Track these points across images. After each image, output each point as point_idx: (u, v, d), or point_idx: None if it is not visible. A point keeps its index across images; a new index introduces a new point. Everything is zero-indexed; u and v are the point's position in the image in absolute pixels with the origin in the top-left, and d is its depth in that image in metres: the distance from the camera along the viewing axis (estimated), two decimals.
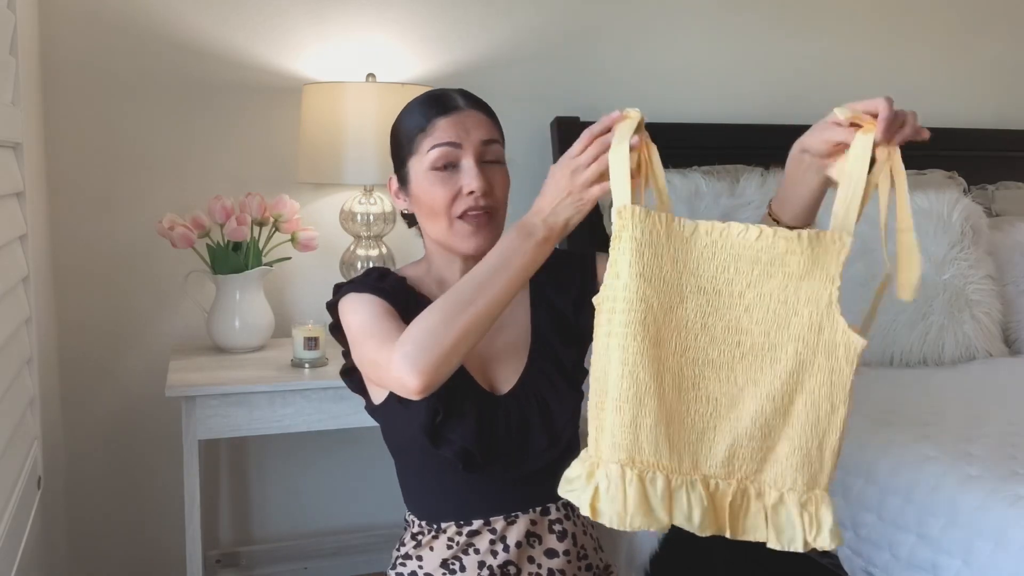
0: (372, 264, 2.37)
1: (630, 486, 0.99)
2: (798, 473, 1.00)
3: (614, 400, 1.00)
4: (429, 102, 1.28)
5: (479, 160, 1.26)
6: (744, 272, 0.99)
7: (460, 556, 1.27)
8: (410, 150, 1.27)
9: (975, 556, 1.53)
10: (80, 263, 2.35)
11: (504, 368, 1.30)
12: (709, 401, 1.01)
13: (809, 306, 0.98)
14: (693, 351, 1.00)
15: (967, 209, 2.58)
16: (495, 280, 1.10)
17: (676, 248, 1.00)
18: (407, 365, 1.08)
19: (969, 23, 3.14)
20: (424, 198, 1.26)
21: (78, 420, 2.37)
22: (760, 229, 0.99)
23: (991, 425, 1.92)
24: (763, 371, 1.00)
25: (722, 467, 1.01)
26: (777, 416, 1.00)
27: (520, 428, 1.26)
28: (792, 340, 0.99)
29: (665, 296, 1.00)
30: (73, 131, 2.32)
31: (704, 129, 2.76)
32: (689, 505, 0.99)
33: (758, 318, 0.99)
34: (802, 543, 1.01)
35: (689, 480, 1.00)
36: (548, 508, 1.30)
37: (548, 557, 1.28)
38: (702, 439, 1.01)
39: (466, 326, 1.09)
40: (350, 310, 1.24)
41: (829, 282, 0.98)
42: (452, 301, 1.10)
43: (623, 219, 1.00)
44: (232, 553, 2.54)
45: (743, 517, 1.02)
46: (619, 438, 1.00)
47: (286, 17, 2.46)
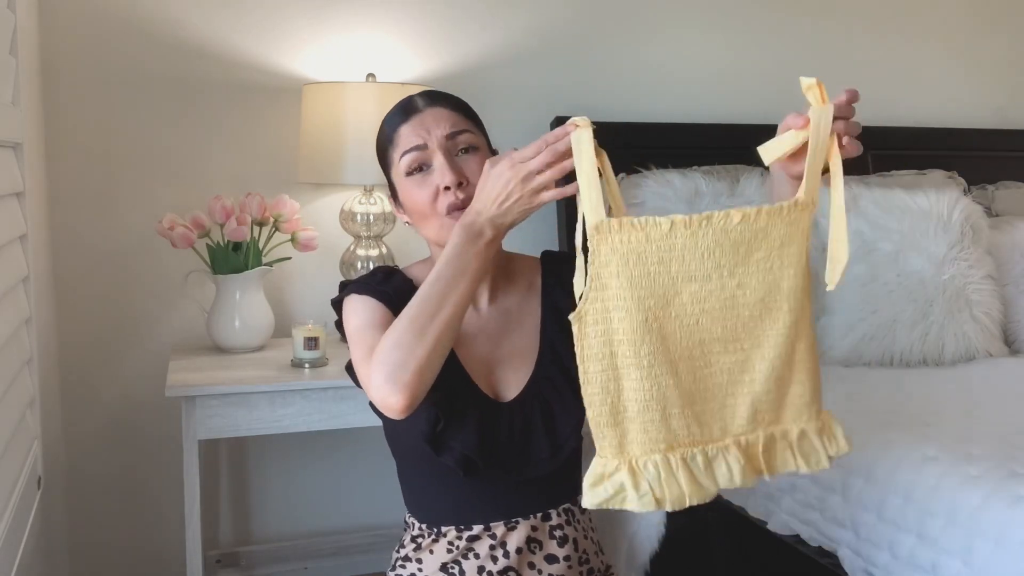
0: (372, 264, 2.37)
1: (679, 471, 1.06)
2: (810, 405, 1.10)
3: (638, 403, 1.05)
4: (393, 113, 1.31)
5: (448, 154, 1.25)
6: (729, 253, 1.05)
7: (459, 560, 1.26)
8: (387, 164, 1.31)
9: (975, 556, 1.53)
10: (80, 263, 2.35)
11: (510, 374, 1.29)
12: (723, 372, 1.08)
13: (793, 266, 1.06)
14: (698, 333, 1.06)
15: (967, 209, 2.58)
16: (456, 286, 1.12)
17: (657, 246, 1.03)
18: (387, 386, 1.09)
19: (969, 23, 3.14)
20: (409, 204, 1.29)
21: (78, 420, 2.37)
22: (742, 212, 1.04)
23: (991, 425, 1.92)
24: (765, 333, 1.07)
25: (748, 424, 1.08)
26: (785, 367, 1.08)
27: (523, 435, 1.25)
28: (785, 299, 1.07)
29: (659, 293, 1.04)
30: (73, 131, 2.32)
31: (704, 129, 2.76)
32: (729, 468, 1.08)
33: (751, 288, 1.06)
34: (826, 459, 1.10)
35: (723, 446, 1.08)
36: (549, 514, 1.29)
37: (548, 563, 1.28)
38: (724, 406, 1.08)
39: (437, 336, 1.11)
40: (351, 313, 1.25)
41: (804, 240, 1.06)
42: (418, 314, 1.11)
43: (601, 234, 1.03)
44: (232, 553, 2.54)
45: (776, 457, 1.10)
46: (653, 433, 1.06)
47: (286, 17, 2.46)
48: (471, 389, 1.25)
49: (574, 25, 2.71)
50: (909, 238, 2.49)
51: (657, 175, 2.53)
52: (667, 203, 2.47)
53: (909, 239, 2.49)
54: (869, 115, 3.35)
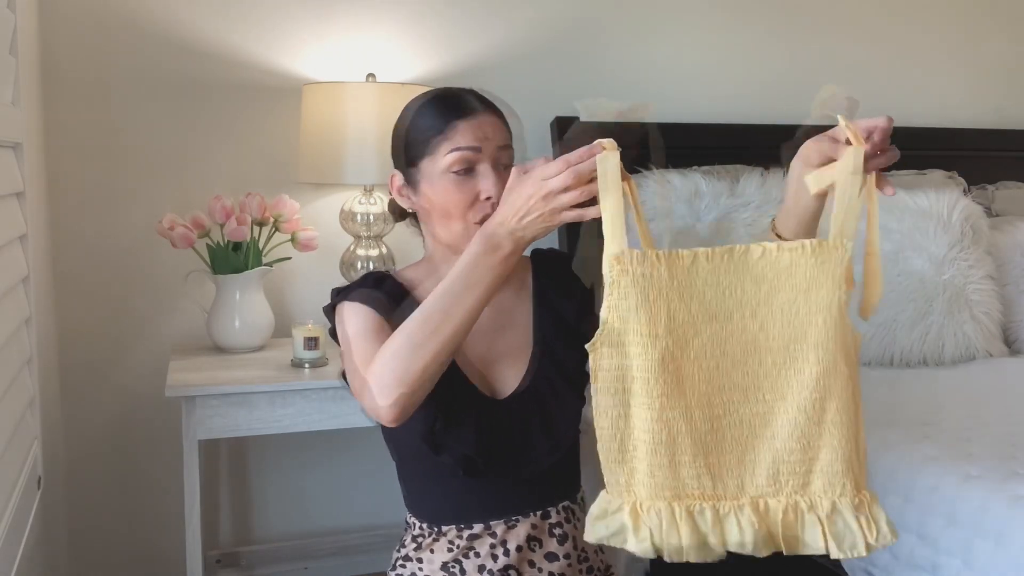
0: (372, 264, 2.37)
1: (681, 522, 1.00)
2: (845, 478, 1.00)
3: (646, 444, 1.00)
4: (445, 103, 1.25)
5: (497, 166, 1.23)
6: (751, 292, 0.99)
7: (460, 559, 1.26)
8: (424, 151, 1.24)
9: (975, 556, 1.53)
10: (80, 263, 2.35)
11: (505, 371, 1.29)
12: (743, 424, 1.01)
13: (822, 313, 0.99)
14: (717, 379, 1.00)
15: (967, 209, 2.58)
16: (464, 299, 1.09)
17: (679, 281, 0.99)
18: (380, 396, 1.08)
19: (969, 23, 3.14)
20: (439, 200, 1.23)
21: (78, 420, 2.37)
22: (763, 247, 0.99)
23: (991, 425, 1.92)
24: (789, 384, 1.00)
25: (768, 485, 1.01)
26: (811, 425, 1.00)
27: (521, 432, 1.25)
28: (812, 349, 0.99)
29: (679, 332, 0.99)
30: (73, 131, 2.32)
31: (704, 129, 2.76)
32: (740, 530, 1.00)
33: (775, 334, 1.00)
34: (864, 547, 1.00)
35: (737, 505, 1.01)
36: (548, 512, 1.30)
37: (549, 561, 1.28)
38: (743, 461, 1.01)
39: (435, 352, 1.08)
40: (344, 321, 1.23)
41: (836, 288, 0.99)
42: (419, 328, 1.09)
43: (622, 265, 0.98)
44: (232, 553, 2.54)
45: (801, 531, 1.01)
46: (660, 479, 1.00)
47: (286, 17, 2.46)
48: (467, 387, 1.25)
49: (574, 25, 2.71)
50: (909, 238, 2.50)
51: (657, 175, 2.53)
52: (667, 203, 2.47)
53: (909, 239, 2.49)
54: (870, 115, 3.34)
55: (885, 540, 1.00)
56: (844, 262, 0.99)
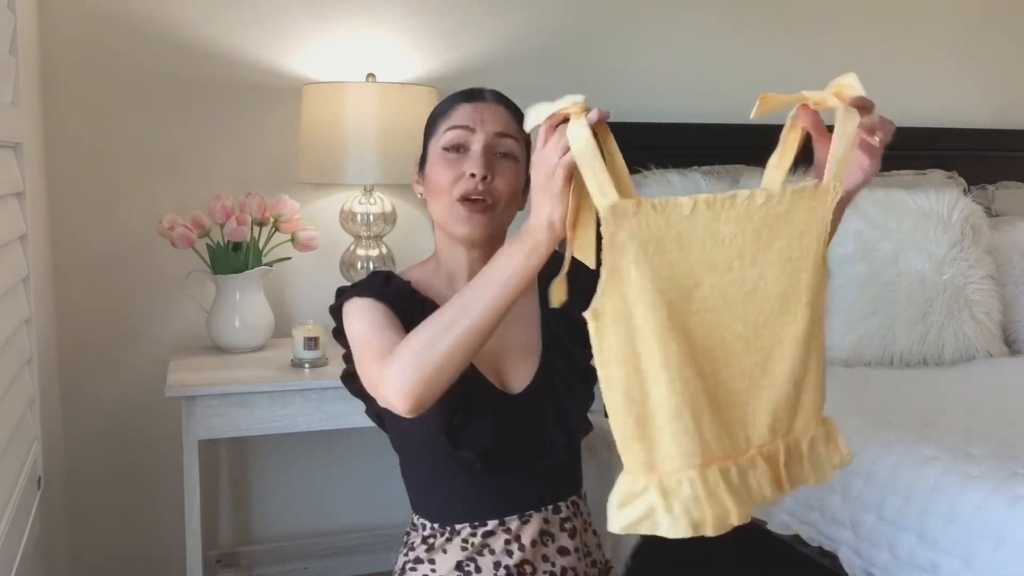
0: (372, 264, 2.37)
1: (718, 488, 0.94)
2: (818, 411, 1.02)
3: (667, 410, 0.93)
4: (458, 93, 1.32)
5: (489, 149, 1.26)
6: (751, 239, 0.96)
7: (475, 557, 1.26)
8: (431, 131, 1.31)
9: (975, 556, 1.53)
10: (80, 263, 2.35)
11: (517, 367, 1.30)
12: (744, 375, 0.98)
13: (811, 258, 0.99)
14: (719, 330, 0.96)
15: (967, 209, 2.58)
16: (482, 294, 1.06)
17: (678, 231, 0.93)
18: (395, 386, 1.07)
19: (969, 23, 3.14)
20: (431, 177, 1.29)
21: (78, 420, 2.37)
22: (766, 192, 0.97)
23: (991, 425, 1.92)
24: (785, 330, 0.98)
25: (768, 433, 0.99)
26: (801, 368, 0.99)
27: (536, 426, 1.26)
28: (804, 291, 0.98)
29: (681, 285, 0.94)
30: (73, 131, 2.32)
31: (704, 129, 2.76)
32: (759, 484, 0.98)
33: (772, 281, 0.97)
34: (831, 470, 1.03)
35: (750, 458, 0.98)
36: (559, 506, 1.30)
37: (561, 555, 1.29)
38: (746, 414, 0.98)
39: (454, 344, 1.05)
40: (353, 317, 1.23)
41: (824, 230, 0.99)
42: (438, 321, 1.07)
43: (617, 217, 0.92)
44: (232, 553, 2.54)
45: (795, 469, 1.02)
46: (687, 445, 0.93)
47: (286, 17, 2.46)
48: (483, 383, 1.26)
49: (574, 25, 2.71)
50: (909, 238, 2.50)
51: (657, 175, 2.53)
52: None
53: (909, 239, 2.49)
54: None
55: (846, 461, 1.03)
56: (832, 204, 0.99)
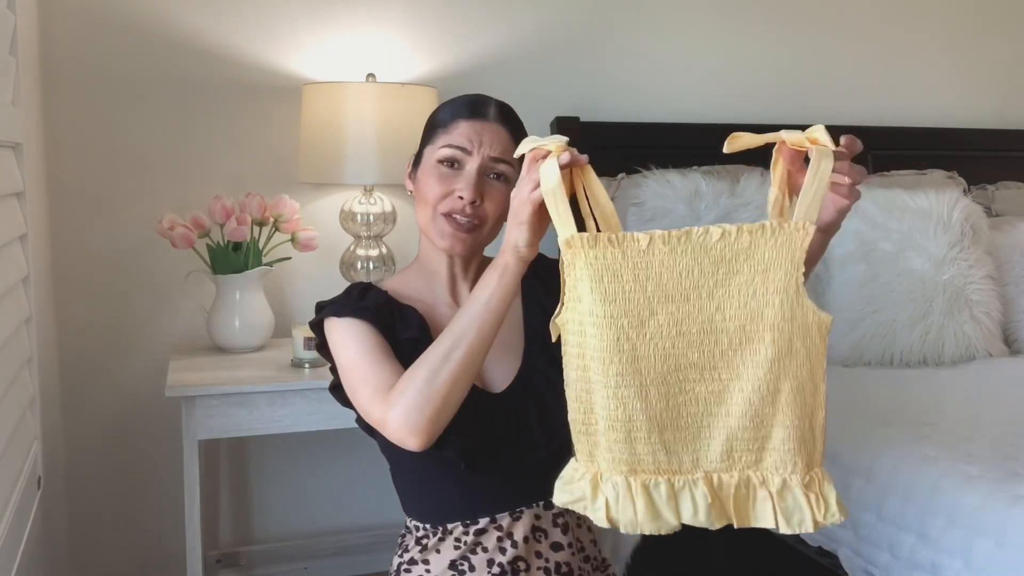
0: (372, 264, 2.37)
1: (637, 496, 1.03)
2: (797, 456, 1.02)
3: (604, 420, 1.04)
4: (464, 102, 1.33)
5: (481, 173, 1.28)
6: (709, 273, 1.01)
7: (468, 556, 1.27)
8: (429, 139, 1.33)
9: (975, 556, 1.53)
10: (80, 263, 2.35)
11: (499, 366, 1.31)
12: (698, 402, 1.03)
13: (779, 295, 1.00)
14: (673, 358, 1.02)
15: (967, 209, 2.58)
16: (471, 321, 1.15)
17: (634, 263, 1.01)
18: (404, 428, 1.13)
19: (969, 23, 3.14)
20: (422, 184, 1.31)
21: (78, 420, 2.37)
22: (723, 229, 1.01)
23: (991, 425, 1.92)
24: (745, 364, 1.02)
25: (722, 461, 1.03)
26: (766, 405, 1.02)
27: (518, 425, 1.27)
28: (768, 330, 1.00)
29: (634, 312, 1.02)
30: (73, 131, 2.32)
31: (704, 129, 2.76)
32: (694, 504, 1.03)
33: (731, 314, 1.01)
34: (812, 523, 1.02)
35: (691, 480, 1.04)
36: (551, 502, 1.30)
37: (554, 551, 1.29)
38: (698, 437, 1.04)
39: (455, 374, 1.14)
40: (337, 340, 1.26)
41: (795, 269, 1.00)
42: (434, 356, 1.14)
43: (572, 248, 1.02)
44: (232, 553, 2.54)
45: (751, 506, 1.04)
46: (617, 453, 1.04)
47: (286, 17, 2.46)
48: None
49: (574, 25, 2.71)
50: (909, 238, 2.50)
51: (657, 175, 2.53)
52: (667, 203, 2.47)
53: (909, 239, 2.49)
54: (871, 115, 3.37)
55: (833, 518, 1.03)
56: (804, 244, 1.00)
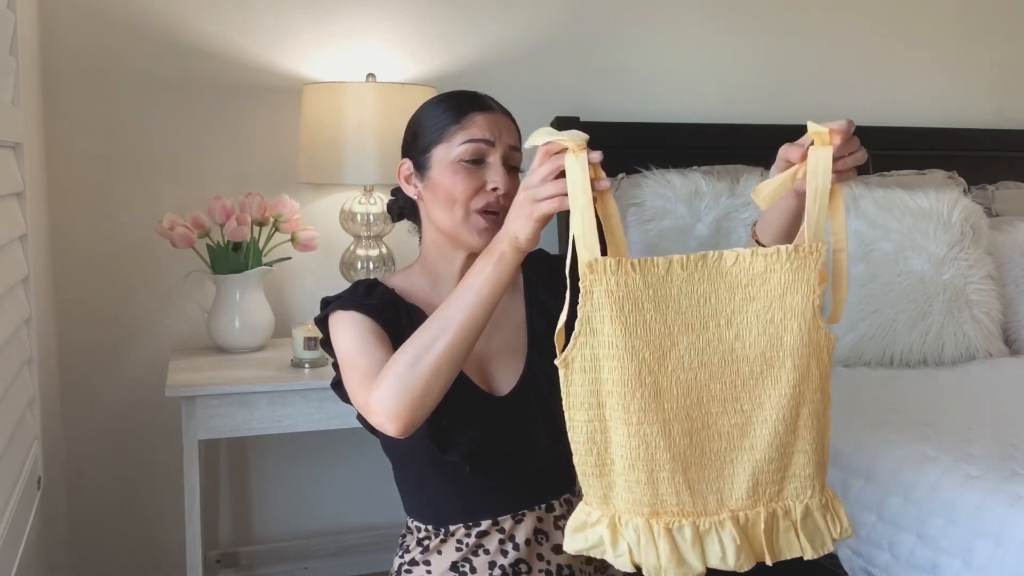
0: (372, 264, 2.37)
1: (660, 539, 0.98)
2: (816, 479, 1.01)
3: (624, 460, 0.99)
4: (464, 98, 1.31)
5: (505, 162, 1.28)
6: (725, 300, 0.97)
7: (470, 558, 1.27)
8: (437, 139, 1.28)
9: (975, 556, 1.54)
10: (80, 263, 2.35)
11: (503, 369, 1.30)
12: (722, 437, 0.99)
13: (797, 319, 0.97)
14: (696, 391, 0.98)
15: (967, 209, 2.58)
16: (458, 309, 1.11)
17: (655, 290, 0.96)
18: (383, 412, 1.11)
19: (969, 23, 3.14)
20: (445, 186, 1.27)
21: (78, 420, 2.37)
22: (736, 253, 0.98)
23: (991, 425, 1.92)
24: (767, 392, 0.98)
25: (748, 497, 1.00)
26: (788, 433, 0.99)
27: (523, 428, 1.26)
28: (788, 355, 0.98)
29: (655, 343, 0.97)
30: (73, 131, 2.32)
31: (704, 129, 2.76)
32: (722, 546, 0.99)
33: (751, 342, 0.98)
34: (831, 542, 1.01)
35: (717, 521, 0.99)
36: (552, 504, 1.31)
37: (556, 553, 1.29)
38: (722, 475, 1.00)
39: (437, 362, 1.10)
40: (340, 331, 1.25)
41: (811, 292, 0.97)
42: (417, 343, 1.11)
43: (595, 273, 0.96)
44: (232, 553, 2.54)
45: (775, 539, 1.01)
46: (638, 495, 0.99)
47: (286, 17, 2.46)
48: (469, 386, 1.26)
49: (574, 25, 2.71)
50: (909, 238, 2.50)
51: (657, 175, 2.53)
52: (667, 203, 2.47)
53: (909, 239, 2.49)
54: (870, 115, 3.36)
55: (847, 533, 1.02)
56: (818, 265, 0.97)
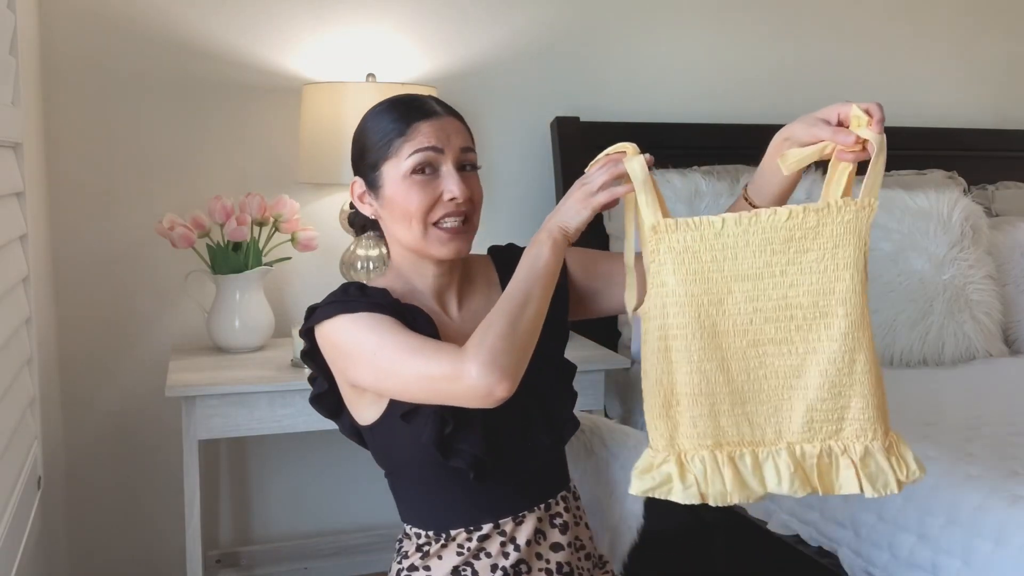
0: (372, 264, 2.37)
1: (724, 467, 1.09)
2: (877, 423, 1.08)
3: (688, 396, 1.10)
4: (406, 107, 1.27)
5: (458, 166, 1.25)
6: (780, 252, 1.07)
7: (472, 561, 1.26)
8: (385, 154, 1.25)
9: (975, 556, 1.53)
10: (80, 263, 2.35)
11: None
12: (777, 376, 1.09)
13: (849, 269, 1.06)
14: (752, 334, 1.08)
15: (967, 209, 2.58)
16: (535, 284, 1.16)
17: (711, 245, 1.08)
18: (492, 373, 1.09)
19: (969, 23, 3.14)
20: (400, 203, 1.24)
21: (78, 420, 2.37)
22: (789, 210, 1.07)
23: (991, 425, 1.92)
24: (820, 338, 1.07)
25: (804, 432, 1.08)
26: (842, 376, 1.07)
27: (524, 431, 1.26)
28: (840, 303, 1.06)
29: (713, 291, 1.08)
30: (73, 131, 2.32)
31: (704, 129, 2.76)
32: (778, 473, 1.09)
33: (804, 290, 1.07)
34: (896, 484, 1.08)
35: (775, 450, 1.10)
36: (549, 503, 1.31)
37: (554, 551, 1.29)
38: (780, 410, 1.09)
39: (529, 326, 1.14)
40: (355, 333, 1.19)
41: (862, 244, 1.06)
42: (509, 308, 1.14)
43: (658, 234, 1.10)
44: (232, 553, 2.54)
45: (835, 475, 1.09)
46: (702, 428, 1.10)
47: (286, 17, 2.46)
48: None
49: (574, 25, 2.71)
50: (909, 238, 2.50)
51: (657, 175, 2.53)
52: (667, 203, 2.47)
53: (909, 239, 2.49)
54: None
55: (915, 476, 1.08)
56: (870, 220, 1.06)
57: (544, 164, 2.65)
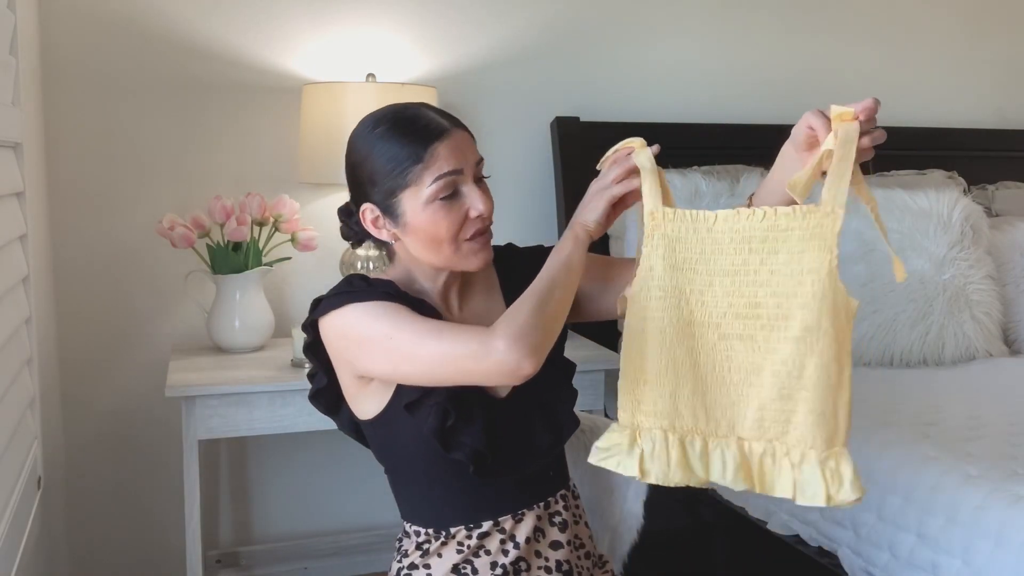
0: (372, 264, 2.37)
1: (672, 448, 1.13)
2: (816, 431, 1.05)
3: (654, 375, 1.14)
4: (413, 127, 1.22)
5: (476, 181, 1.24)
6: (756, 251, 1.09)
7: (471, 559, 1.27)
8: (403, 183, 1.20)
9: (975, 556, 1.53)
10: (80, 263, 2.35)
11: None
12: (739, 372, 1.11)
13: (811, 275, 1.05)
14: (724, 327, 1.11)
15: (967, 209, 2.58)
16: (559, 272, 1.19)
17: (701, 239, 1.12)
18: (519, 347, 1.10)
19: (969, 23, 3.14)
20: (428, 229, 1.21)
21: (78, 420, 2.37)
22: (764, 211, 1.09)
23: (991, 425, 1.92)
24: (778, 339, 1.08)
25: (754, 429, 1.10)
26: (791, 379, 1.06)
27: (524, 430, 1.26)
28: (799, 308, 1.06)
29: (696, 282, 1.13)
30: (73, 131, 2.32)
31: (704, 129, 2.76)
32: (723, 463, 1.11)
33: (771, 291, 1.08)
34: (824, 497, 1.05)
35: (724, 442, 1.12)
36: (549, 502, 1.31)
37: (553, 549, 1.30)
38: (736, 405, 1.11)
39: (556, 310, 1.17)
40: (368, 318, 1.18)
41: (827, 252, 1.04)
42: (537, 292, 1.17)
43: (655, 220, 1.15)
44: (232, 553, 2.54)
45: (774, 476, 1.09)
46: (660, 407, 1.14)
47: (286, 17, 2.46)
48: (471, 388, 1.25)
49: (574, 25, 2.71)
50: (909, 238, 2.50)
51: None
52: None
53: (909, 239, 2.49)
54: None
55: (847, 496, 1.04)
56: (836, 228, 1.04)
57: (544, 164, 2.65)
